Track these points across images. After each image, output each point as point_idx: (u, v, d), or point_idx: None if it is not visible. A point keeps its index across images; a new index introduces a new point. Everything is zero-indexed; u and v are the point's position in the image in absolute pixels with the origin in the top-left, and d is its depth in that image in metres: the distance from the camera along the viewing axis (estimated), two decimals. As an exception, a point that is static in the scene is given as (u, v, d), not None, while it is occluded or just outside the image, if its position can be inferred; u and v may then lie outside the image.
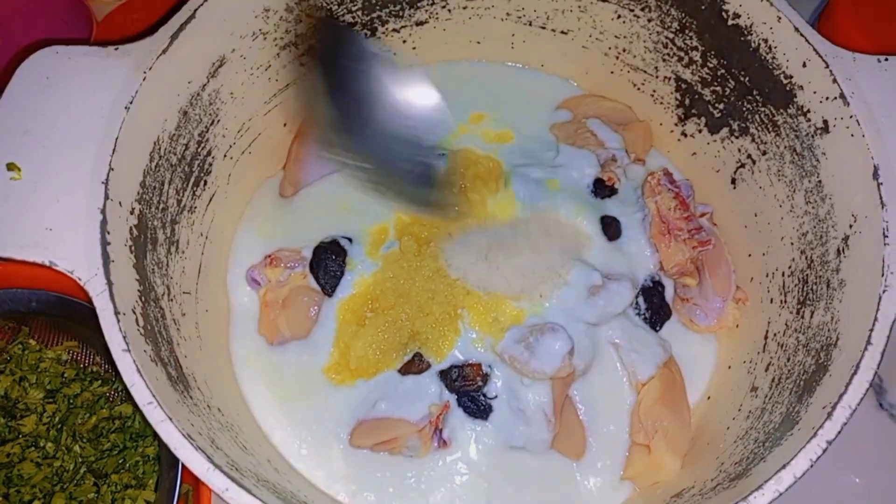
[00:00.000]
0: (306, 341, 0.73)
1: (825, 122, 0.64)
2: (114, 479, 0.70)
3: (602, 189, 0.79)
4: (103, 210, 0.56)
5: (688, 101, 0.79)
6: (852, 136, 0.62)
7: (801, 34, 0.64)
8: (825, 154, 0.65)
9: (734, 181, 0.77)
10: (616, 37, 0.80)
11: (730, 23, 0.69)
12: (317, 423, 0.71)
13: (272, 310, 0.74)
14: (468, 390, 0.69)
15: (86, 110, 0.59)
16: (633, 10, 0.76)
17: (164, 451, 0.69)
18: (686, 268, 0.76)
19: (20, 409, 0.73)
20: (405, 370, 0.70)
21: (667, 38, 0.76)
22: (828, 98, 0.63)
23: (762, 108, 0.70)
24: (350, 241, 0.75)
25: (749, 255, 0.76)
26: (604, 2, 0.77)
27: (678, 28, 0.74)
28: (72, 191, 0.57)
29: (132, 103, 0.60)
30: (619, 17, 0.78)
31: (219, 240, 0.76)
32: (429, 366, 0.70)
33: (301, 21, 0.74)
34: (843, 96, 0.62)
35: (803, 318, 0.65)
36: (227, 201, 0.77)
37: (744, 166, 0.75)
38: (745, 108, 0.72)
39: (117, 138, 0.58)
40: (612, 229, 0.76)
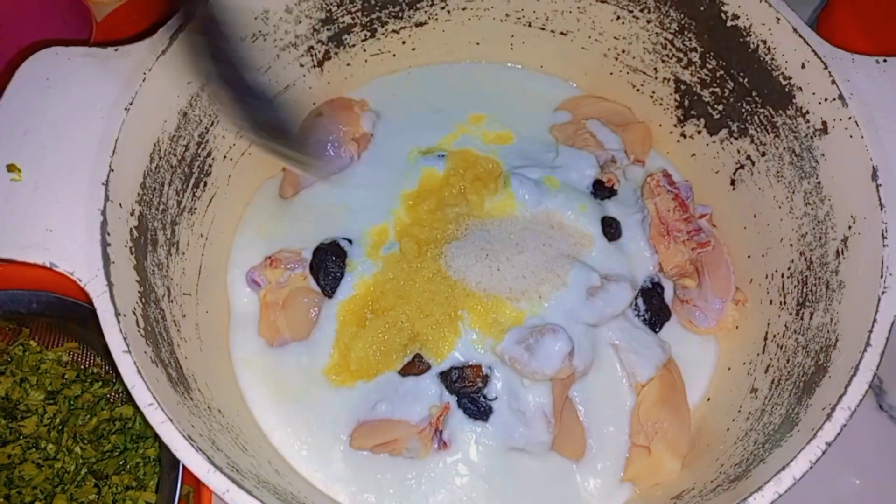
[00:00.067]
0: (306, 342, 0.73)
1: (824, 123, 0.64)
2: (115, 481, 0.70)
3: (601, 190, 0.79)
4: (104, 211, 0.56)
5: (687, 103, 0.79)
6: (851, 137, 0.62)
7: (800, 35, 0.64)
8: (824, 155, 0.65)
9: (733, 182, 0.77)
10: (615, 38, 0.80)
11: (729, 24, 0.69)
12: (317, 425, 0.71)
13: (272, 311, 0.75)
14: (468, 391, 0.69)
15: (86, 111, 0.60)
16: (632, 12, 0.76)
17: (165, 452, 0.69)
18: (685, 269, 0.76)
19: (21, 410, 0.73)
20: (405, 371, 0.70)
21: (666, 39, 0.76)
22: (827, 99, 0.63)
23: (761, 110, 0.70)
24: (350, 242, 0.75)
25: (748, 257, 0.76)
26: (603, 3, 0.77)
27: (677, 29, 0.74)
28: (72, 192, 0.57)
29: (132, 104, 0.60)
30: (619, 18, 0.78)
31: (219, 241, 0.76)
32: (429, 367, 0.70)
33: (300, 22, 0.75)
34: (841, 97, 0.62)
35: (803, 319, 0.65)
36: (227, 202, 0.77)
37: (743, 167, 0.75)
38: (744, 110, 0.72)
39: (117, 139, 0.59)
40: (612, 230, 0.76)
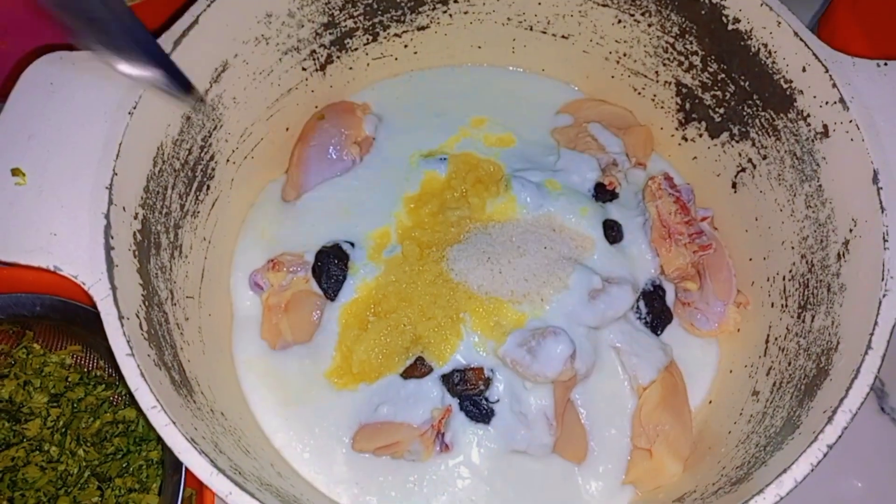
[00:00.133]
0: (309, 345, 0.73)
1: (825, 126, 0.64)
2: (118, 483, 0.70)
3: (603, 193, 0.79)
4: (107, 215, 0.56)
5: (688, 106, 0.80)
6: (852, 140, 0.62)
7: (801, 39, 0.64)
8: (825, 158, 0.65)
9: (735, 185, 0.77)
10: (617, 41, 0.80)
11: (730, 27, 0.70)
12: (319, 427, 0.71)
13: (275, 314, 0.75)
14: (470, 394, 0.69)
15: (90, 115, 0.60)
16: (633, 15, 0.76)
17: (168, 455, 0.69)
18: (687, 272, 0.76)
19: (24, 413, 0.73)
20: (407, 374, 0.70)
21: (667, 42, 0.76)
22: (827, 102, 0.64)
23: (762, 113, 0.71)
24: (352, 245, 0.75)
25: (750, 259, 0.76)
26: (604, 7, 0.77)
27: (678, 33, 0.75)
28: (76, 196, 0.57)
29: (136, 108, 0.60)
30: (620, 21, 0.78)
31: (222, 244, 0.77)
32: (431, 370, 0.70)
33: (303, 26, 0.75)
34: (842, 101, 0.62)
35: (804, 322, 0.66)
36: (230, 206, 0.77)
37: (744, 170, 0.75)
38: (745, 113, 0.73)
39: (121, 143, 0.59)
40: (614, 233, 0.76)
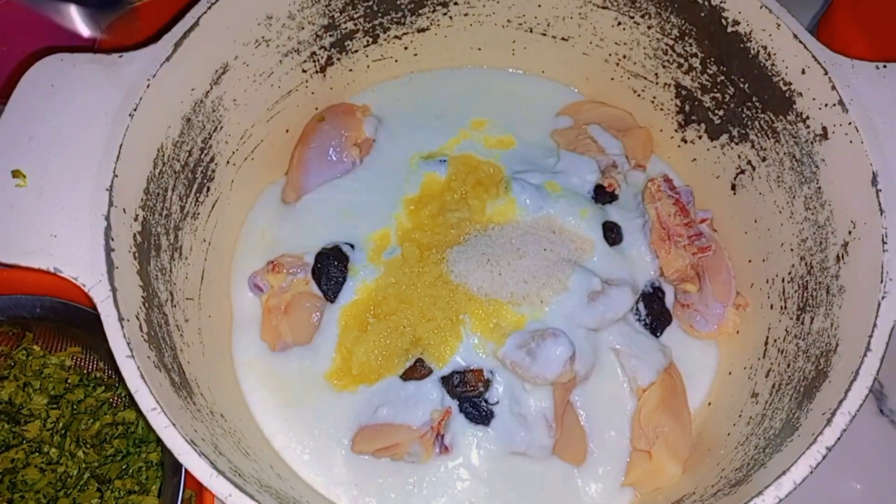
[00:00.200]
0: (308, 347, 0.73)
1: (824, 128, 0.64)
2: (117, 485, 0.70)
3: (602, 195, 0.79)
4: (108, 217, 0.57)
5: (688, 108, 0.80)
6: (851, 142, 0.62)
7: (800, 41, 0.65)
8: (824, 160, 0.65)
9: (734, 187, 0.78)
10: (616, 43, 0.81)
11: (729, 30, 0.70)
12: (319, 429, 0.71)
13: (274, 316, 0.75)
14: (470, 396, 0.69)
15: (90, 117, 0.60)
16: (633, 18, 0.77)
17: (168, 456, 0.69)
18: (686, 274, 0.76)
19: (24, 414, 0.74)
20: (407, 376, 0.70)
21: (667, 44, 0.76)
22: (827, 105, 0.64)
23: (762, 115, 0.71)
24: (352, 246, 0.75)
25: (749, 261, 0.76)
26: (604, 9, 0.77)
27: (678, 35, 0.75)
28: (76, 197, 0.57)
29: (136, 110, 0.60)
30: (620, 24, 0.78)
31: (221, 246, 0.77)
32: (430, 371, 0.70)
33: (303, 28, 0.75)
34: (841, 103, 0.62)
35: (803, 323, 0.66)
36: (230, 207, 0.77)
37: (744, 172, 0.75)
38: (744, 115, 0.73)
39: (121, 145, 0.59)
40: (613, 235, 0.76)
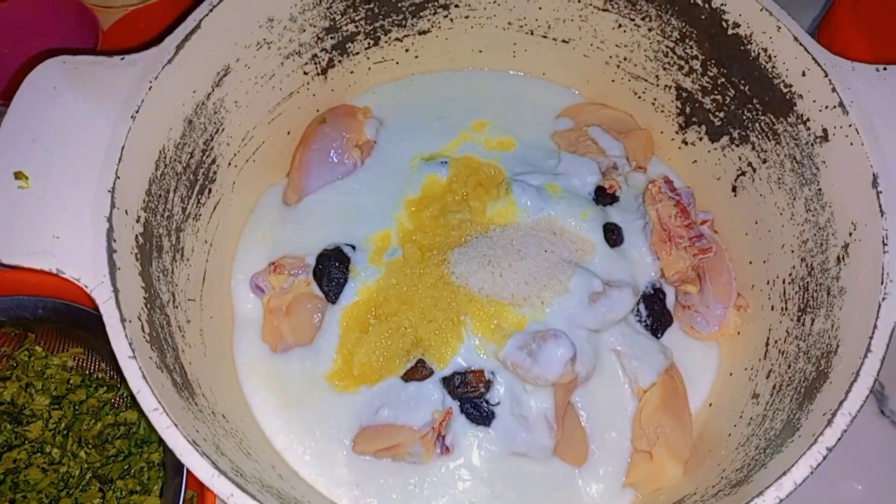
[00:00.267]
0: (310, 348, 0.73)
1: (824, 130, 0.64)
2: (119, 485, 0.70)
3: (603, 197, 0.79)
4: (109, 218, 0.57)
5: (688, 110, 0.80)
6: (851, 144, 0.62)
7: (801, 43, 0.65)
8: (825, 162, 0.65)
9: (735, 189, 0.78)
10: (617, 46, 0.81)
11: (730, 32, 0.70)
12: (320, 430, 0.71)
13: (276, 317, 0.75)
14: (471, 397, 0.69)
15: (92, 119, 0.60)
16: (633, 20, 0.77)
17: (170, 456, 0.69)
18: (687, 275, 0.76)
19: (26, 415, 0.74)
20: (408, 377, 0.70)
21: (667, 47, 0.77)
22: (827, 107, 0.64)
23: (762, 117, 0.71)
24: (353, 248, 0.75)
25: (750, 263, 0.76)
26: (605, 11, 0.78)
27: (679, 37, 0.75)
28: (78, 199, 0.57)
29: (138, 112, 0.60)
30: (620, 26, 0.78)
31: (223, 247, 0.77)
32: (432, 372, 0.70)
33: (305, 31, 0.75)
34: (842, 105, 0.62)
35: (804, 325, 0.66)
36: (232, 209, 0.78)
37: (744, 174, 0.76)
38: (745, 117, 0.73)
39: (123, 147, 0.59)
40: (614, 236, 0.77)
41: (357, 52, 0.82)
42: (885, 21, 0.87)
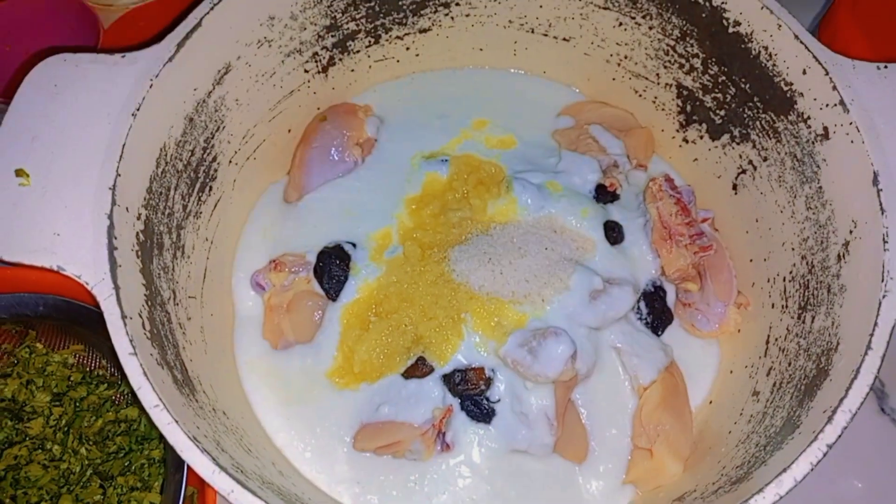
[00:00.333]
0: (310, 345, 0.73)
1: (825, 128, 0.64)
2: (120, 482, 0.70)
3: (604, 195, 0.79)
4: (110, 215, 0.57)
5: (689, 108, 0.80)
6: (852, 142, 0.62)
7: (802, 42, 0.65)
8: (825, 160, 0.65)
9: (735, 187, 0.78)
10: (618, 44, 0.81)
11: (730, 30, 0.70)
12: (321, 427, 0.72)
13: (276, 314, 0.75)
14: (471, 394, 0.69)
15: (93, 117, 0.60)
16: (634, 18, 0.77)
17: (170, 453, 0.69)
18: (688, 273, 0.76)
19: (27, 411, 0.74)
20: (409, 374, 0.70)
21: (668, 45, 0.77)
22: (828, 105, 0.64)
23: (763, 115, 0.71)
24: (354, 246, 0.76)
25: (750, 261, 0.76)
26: (605, 9, 0.78)
27: (679, 35, 0.75)
28: (79, 196, 0.57)
29: (139, 110, 0.60)
30: (621, 24, 0.78)
31: (224, 245, 0.77)
32: (432, 370, 0.70)
33: (305, 29, 0.75)
34: (842, 103, 0.62)
35: (804, 322, 0.66)
36: (233, 206, 0.78)
37: (745, 172, 0.76)
38: (745, 115, 0.73)
39: (124, 144, 0.59)
40: (615, 234, 0.77)
41: (358, 51, 0.83)
42: (885, 21, 0.87)
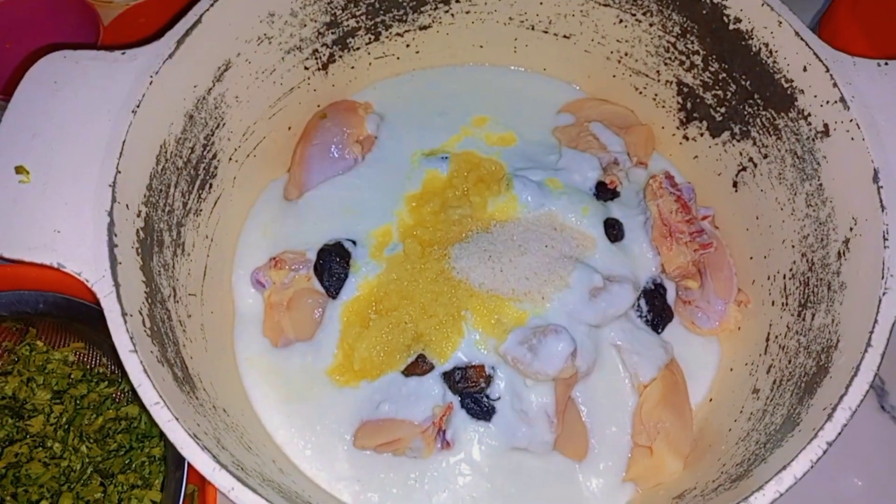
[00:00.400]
0: (310, 343, 0.73)
1: (825, 125, 0.64)
2: (120, 479, 0.70)
3: (604, 192, 0.79)
4: (111, 212, 0.57)
5: (689, 105, 0.80)
6: (852, 139, 0.62)
7: (802, 38, 0.65)
8: (826, 157, 0.65)
9: (735, 184, 0.78)
10: (618, 41, 0.81)
11: (731, 27, 0.70)
12: (321, 424, 0.72)
13: (276, 312, 0.75)
14: (471, 392, 0.69)
15: (93, 114, 0.60)
16: (634, 15, 0.77)
17: (171, 451, 0.69)
18: (688, 270, 0.76)
19: (28, 409, 0.74)
20: (409, 372, 0.70)
21: (668, 42, 0.77)
22: (828, 102, 0.64)
23: (763, 112, 0.71)
24: (354, 243, 0.75)
25: (750, 258, 0.76)
26: (606, 6, 0.77)
27: (680, 32, 0.75)
28: (80, 193, 0.57)
29: (139, 107, 0.60)
30: (621, 21, 0.78)
31: (224, 242, 0.77)
32: (432, 367, 0.70)
33: (305, 26, 0.75)
34: (843, 100, 0.62)
35: (804, 320, 0.66)
36: (233, 204, 0.78)
37: (745, 169, 0.76)
38: (746, 112, 0.73)
39: (124, 141, 0.59)
40: (615, 232, 0.77)
41: (358, 48, 0.82)
42: (885, 18, 0.87)
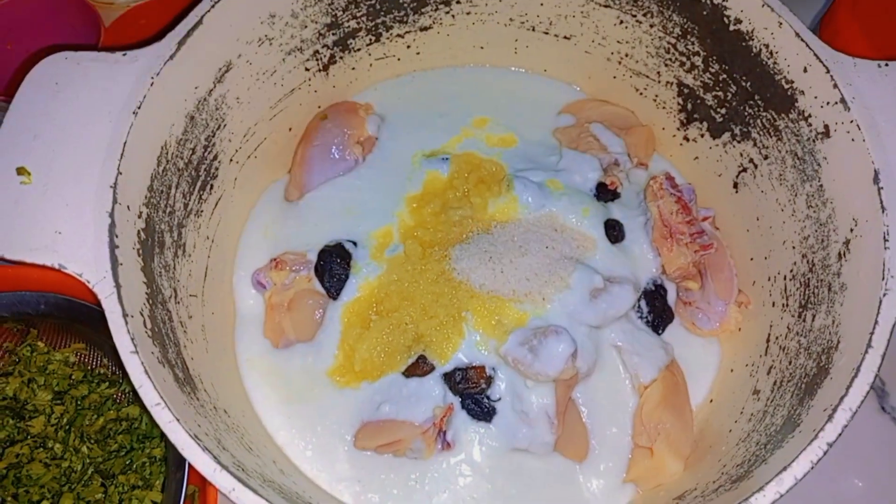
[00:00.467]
0: (311, 344, 0.73)
1: (826, 126, 0.64)
2: (121, 480, 0.70)
3: (604, 193, 0.79)
4: (112, 213, 0.57)
5: (690, 106, 0.80)
6: (853, 140, 0.62)
7: (802, 39, 0.65)
8: (826, 158, 0.65)
9: (736, 185, 0.78)
10: (618, 42, 0.81)
11: (731, 28, 0.70)
12: (321, 425, 0.72)
13: (277, 312, 0.75)
14: (472, 392, 0.69)
15: (94, 115, 0.60)
16: (635, 16, 0.77)
17: (171, 451, 0.69)
18: (688, 271, 0.76)
19: (29, 410, 0.74)
20: (409, 372, 0.71)
21: (669, 43, 0.77)
22: (829, 103, 0.64)
23: (764, 113, 0.71)
24: (355, 244, 0.76)
25: (751, 259, 0.76)
26: (606, 7, 0.78)
27: (680, 33, 0.75)
28: (81, 194, 0.58)
29: (140, 108, 0.60)
30: (622, 22, 0.78)
31: (225, 243, 0.77)
32: (433, 368, 0.70)
33: (306, 27, 0.75)
34: (843, 101, 0.62)
35: (805, 321, 0.66)
36: (234, 205, 0.78)
37: (745, 170, 0.76)
38: (746, 113, 0.73)
39: (125, 143, 0.59)
40: (615, 233, 0.77)
41: (358, 49, 0.83)
42: (885, 19, 0.87)
